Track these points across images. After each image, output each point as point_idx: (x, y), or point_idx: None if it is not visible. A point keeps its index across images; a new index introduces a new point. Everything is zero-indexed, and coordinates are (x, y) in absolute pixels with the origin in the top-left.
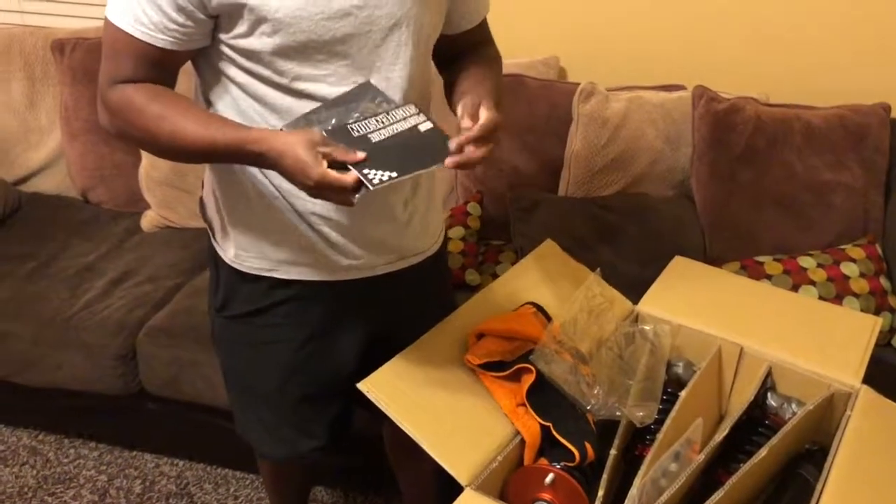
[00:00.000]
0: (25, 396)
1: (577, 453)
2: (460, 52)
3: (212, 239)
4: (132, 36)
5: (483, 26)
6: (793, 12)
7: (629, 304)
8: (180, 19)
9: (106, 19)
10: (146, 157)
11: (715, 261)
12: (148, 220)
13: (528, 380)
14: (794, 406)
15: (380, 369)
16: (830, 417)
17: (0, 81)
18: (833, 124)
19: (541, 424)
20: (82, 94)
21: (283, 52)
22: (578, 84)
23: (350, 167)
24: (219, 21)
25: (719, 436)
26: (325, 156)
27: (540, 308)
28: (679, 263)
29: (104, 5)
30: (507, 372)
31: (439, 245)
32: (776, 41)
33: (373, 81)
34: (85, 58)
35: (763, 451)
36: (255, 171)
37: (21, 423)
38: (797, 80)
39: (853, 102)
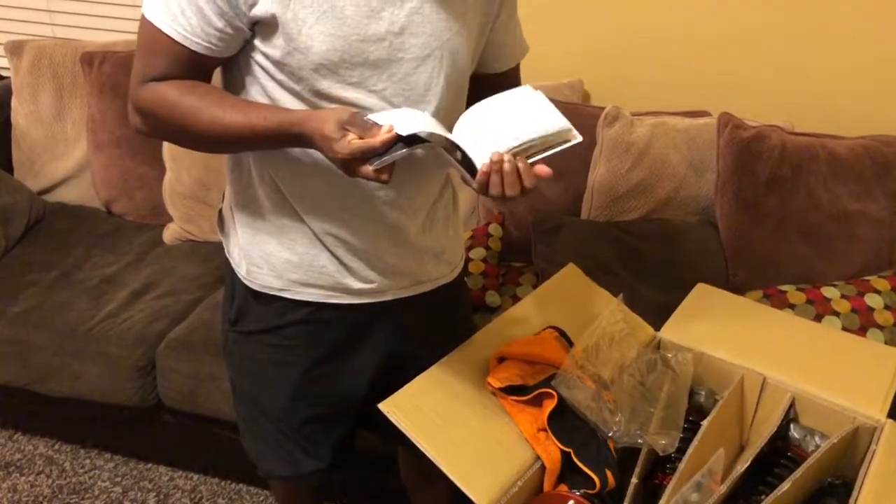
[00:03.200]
0: (44, 405)
1: (597, 481)
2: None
3: (227, 253)
4: (168, 36)
5: (516, 71)
6: (820, 41)
7: (651, 330)
8: (220, 24)
9: (143, 16)
10: (170, 171)
11: (737, 289)
12: (170, 233)
13: (550, 405)
14: (817, 439)
15: (400, 391)
16: (854, 451)
17: (29, 92)
18: (859, 154)
19: (561, 450)
20: (109, 106)
21: (316, 69)
22: (603, 108)
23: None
24: (255, 31)
25: (741, 467)
26: (351, 132)
27: (562, 332)
28: (701, 291)
29: (134, 19)
30: (529, 396)
31: (457, 274)
32: (802, 70)
33: None
34: (113, 71)
35: (786, 485)
36: (273, 189)
37: (38, 432)
38: (823, 109)
39: (879, 133)
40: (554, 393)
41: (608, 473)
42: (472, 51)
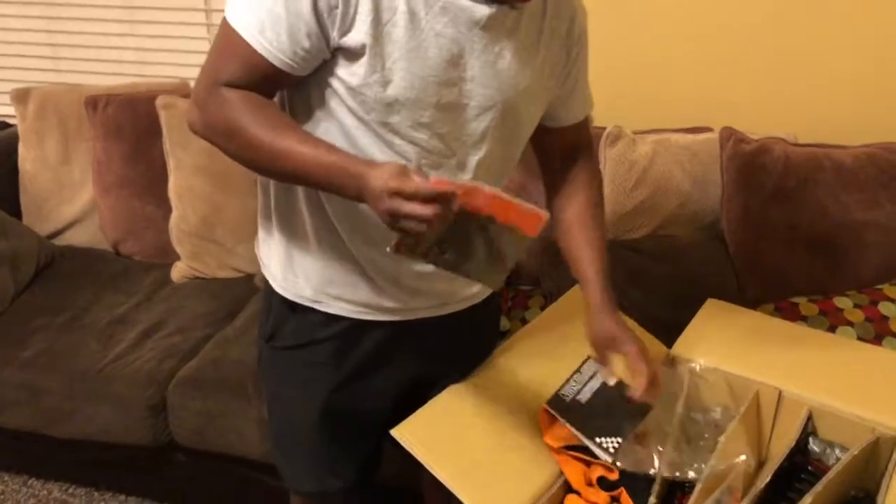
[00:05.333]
0: (56, 449)
1: None
2: (561, 153)
3: (262, 268)
4: (251, 47)
5: (583, 126)
6: (818, 52)
7: (663, 348)
8: (307, 45)
9: (225, 19)
10: (176, 210)
11: (748, 303)
12: (178, 272)
13: (609, 474)
14: (837, 451)
15: (413, 415)
16: (876, 463)
17: (36, 138)
18: (863, 162)
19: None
20: (114, 148)
21: (390, 103)
22: (604, 128)
23: None
24: (337, 56)
25: (761, 483)
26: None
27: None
28: (712, 306)
29: (136, 62)
30: (594, 462)
31: (487, 294)
32: (802, 81)
33: (454, 158)
34: (117, 113)
35: (807, 499)
36: (317, 206)
37: (52, 476)
38: (825, 119)
39: (883, 141)
40: (615, 469)
41: None
42: (535, 110)
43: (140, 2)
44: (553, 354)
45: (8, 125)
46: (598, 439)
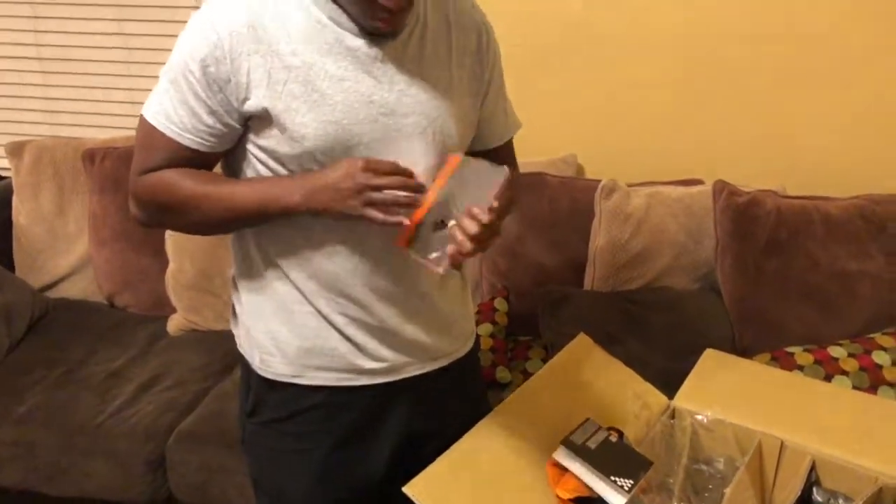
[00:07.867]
0: None
1: None
2: None
3: (238, 347)
4: (163, 133)
5: (508, 146)
6: (805, 106)
7: (665, 399)
8: (210, 121)
9: (141, 115)
10: (173, 262)
11: (744, 352)
12: (174, 324)
13: None
14: (841, 501)
15: (424, 472)
16: None
17: (30, 191)
18: (852, 214)
19: None
20: (111, 201)
21: (310, 156)
22: (598, 180)
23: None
24: (248, 124)
25: None
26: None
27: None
28: (711, 356)
29: (133, 115)
30: None
31: (470, 347)
32: (790, 136)
33: None
34: (114, 166)
35: None
36: (279, 276)
37: None
38: (812, 172)
39: (870, 192)
40: None
41: None
42: (464, 128)
43: (138, 56)
44: (558, 408)
45: (2, 178)
46: (612, 478)
